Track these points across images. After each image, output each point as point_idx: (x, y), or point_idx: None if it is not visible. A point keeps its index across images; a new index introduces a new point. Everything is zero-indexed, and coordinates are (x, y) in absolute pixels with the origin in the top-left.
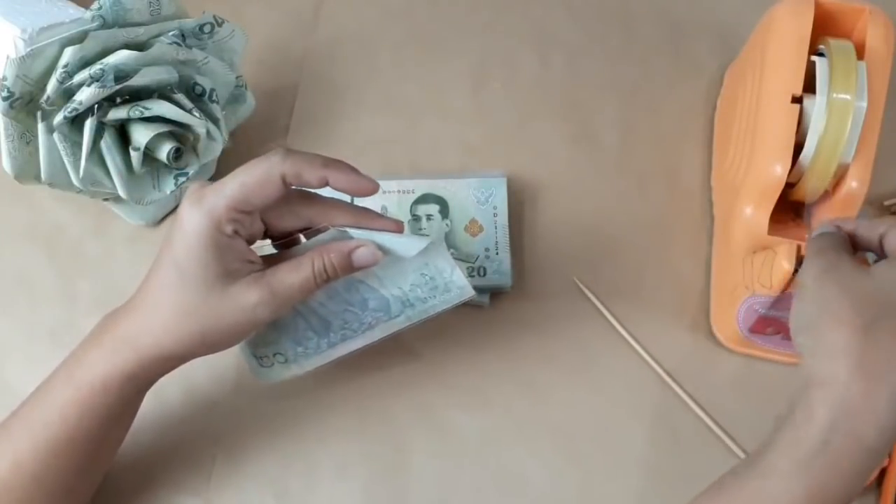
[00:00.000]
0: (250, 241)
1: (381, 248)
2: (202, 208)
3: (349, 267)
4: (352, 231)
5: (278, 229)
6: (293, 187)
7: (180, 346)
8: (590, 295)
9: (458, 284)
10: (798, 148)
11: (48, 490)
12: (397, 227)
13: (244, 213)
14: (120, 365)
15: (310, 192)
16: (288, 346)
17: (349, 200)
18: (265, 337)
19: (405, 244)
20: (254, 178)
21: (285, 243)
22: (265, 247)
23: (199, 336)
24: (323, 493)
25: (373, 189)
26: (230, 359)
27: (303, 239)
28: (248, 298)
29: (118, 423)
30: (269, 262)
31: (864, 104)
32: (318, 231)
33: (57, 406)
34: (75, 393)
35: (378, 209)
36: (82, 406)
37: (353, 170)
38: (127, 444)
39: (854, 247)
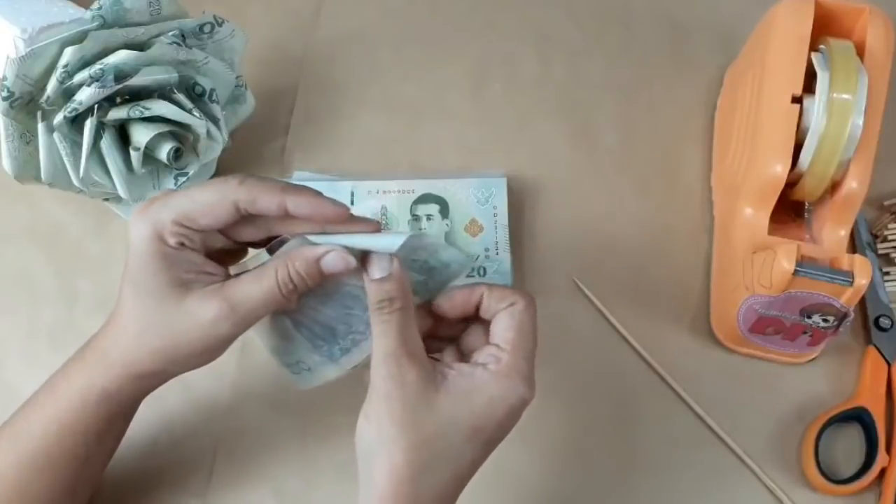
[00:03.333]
0: (212, 253)
1: (356, 250)
2: (144, 218)
3: (318, 274)
4: (320, 238)
5: (240, 241)
6: (248, 214)
7: (147, 363)
8: (590, 295)
9: (455, 260)
10: (798, 148)
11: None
12: (373, 228)
13: (189, 229)
14: (95, 380)
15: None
16: (304, 354)
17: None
18: (283, 347)
19: (383, 242)
20: (204, 197)
21: (276, 244)
22: (262, 253)
23: (162, 353)
24: (323, 493)
25: (340, 213)
26: (230, 359)
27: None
28: (205, 312)
29: (100, 442)
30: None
31: (864, 105)
32: (283, 242)
33: (39, 420)
34: (56, 408)
35: (378, 209)
36: (62, 422)
37: (317, 194)
38: (127, 444)
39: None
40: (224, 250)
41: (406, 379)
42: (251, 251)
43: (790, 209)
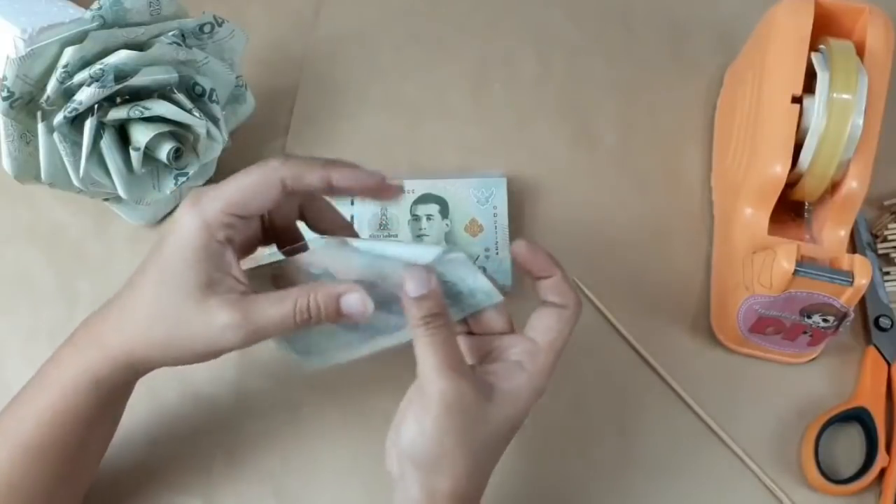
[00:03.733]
0: (245, 250)
1: (388, 257)
2: (196, 211)
3: (336, 312)
4: (357, 242)
5: (277, 224)
6: (292, 191)
7: (145, 352)
8: (590, 295)
9: (482, 290)
10: (798, 148)
11: (28, 495)
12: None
13: (239, 218)
14: (87, 365)
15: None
16: (317, 339)
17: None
18: (299, 333)
19: (416, 253)
20: (252, 181)
21: (292, 250)
22: (274, 253)
23: (165, 345)
24: (323, 493)
25: (378, 182)
26: (230, 359)
27: (310, 246)
28: (221, 317)
29: (93, 428)
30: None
31: (864, 105)
32: (299, 249)
33: (31, 409)
34: (48, 395)
35: (378, 209)
36: (55, 409)
37: (354, 166)
38: (127, 443)
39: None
40: (245, 243)
41: (463, 393)
42: (262, 250)
43: (790, 209)
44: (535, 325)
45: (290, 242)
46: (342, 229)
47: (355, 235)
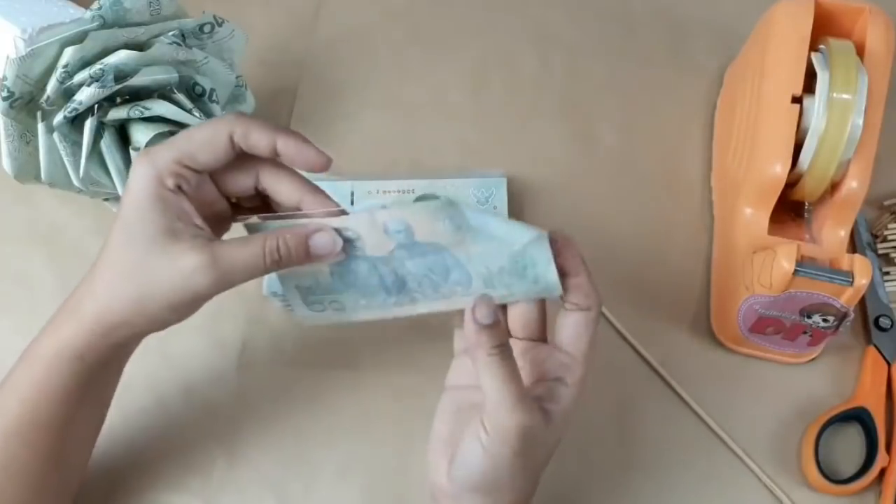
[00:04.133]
0: (203, 207)
1: (476, 229)
2: (146, 161)
3: (305, 252)
4: (465, 212)
5: (232, 192)
6: (242, 151)
7: (121, 313)
8: None
9: (548, 280)
10: (798, 148)
11: (18, 479)
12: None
13: (189, 169)
14: (66, 338)
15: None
16: (351, 296)
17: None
18: (328, 286)
19: (510, 231)
20: (202, 133)
21: (278, 217)
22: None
23: (137, 301)
24: (323, 495)
25: (322, 163)
26: (231, 360)
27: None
28: (187, 262)
29: (79, 407)
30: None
31: (864, 105)
32: (262, 222)
33: (15, 388)
34: (29, 372)
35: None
36: (38, 386)
37: (305, 140)
38: (128, 444)
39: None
40: (212, 217)
41: (536, 425)
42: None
43: (790, 209)
44: (564, 333)
45: (257, 208)
46: (301, 202)
47: (323, 205)
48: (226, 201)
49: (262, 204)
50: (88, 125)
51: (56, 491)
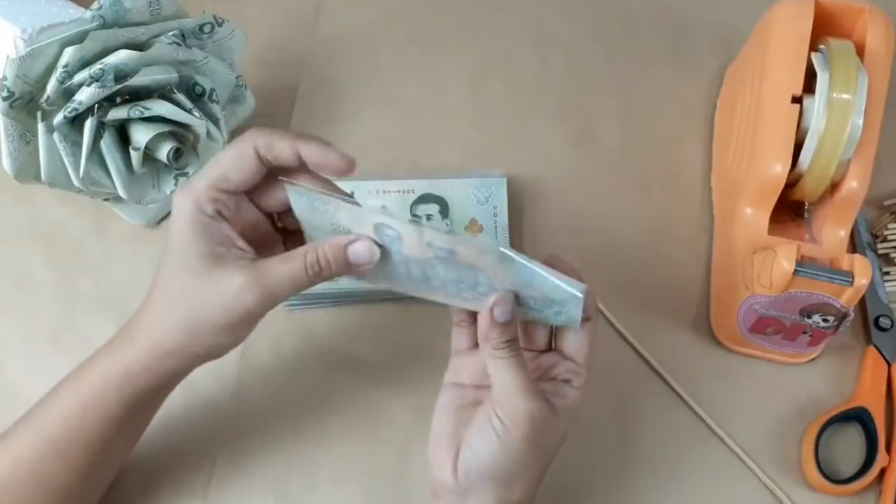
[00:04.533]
0: (246, 230)
1: (527, 284)
2: (184, 192)
3: (345, 262)
4: (515, 261)
5: (271, 209)
6: (271, 164)
7: (172, 337)
8: None
9: (571, 317)
10: (798, 148)
11: (46, 490)
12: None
13: (224, 192)
14: (118, 361)
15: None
16: (375, 271)
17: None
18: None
19: (553, 288)
20: (228, 155)
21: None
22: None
23: (185, 323)
24: (323, 496)
25: (346, 165)
26: (231, 361)
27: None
28: (233, 283)
29: (119, 429)
30: None
31: (864, 105)
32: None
33: (60, 405)
34: (77, 393)
35: (378, 209)
36: (83, 406)
37: (327, 144)
38: None
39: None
40: (257, 238)
41: (543, 411)
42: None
43: (790, 209)
44: (569, 342)
45: (301, 240)
46: None
47: None
48: (268, 221)
49: None
50: (88, 125)
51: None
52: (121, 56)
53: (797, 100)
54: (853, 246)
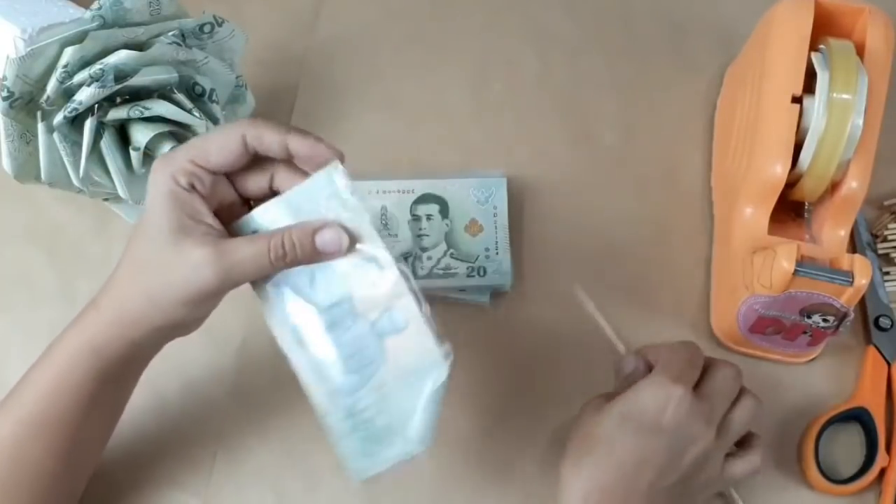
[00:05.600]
0: (221, 209)
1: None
2: (163, 161)
3: (311, 248)
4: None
5: (248, 194)
6: (256, 152)
7: (134, 306)
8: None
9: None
10: (798, 148)
11: (27, 472)
12: (331, 155)
13: (202, 169)
14: (84, 335)
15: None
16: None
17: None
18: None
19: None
20: (216, 136)
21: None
22: None
23: (150, 294)
24: (323, 493)
25: (331, 156)
26: (230, 359)
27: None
28: (194, 255)
29: (93, 405)
30: None
31: (864, 105)
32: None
33: (33, 384)
34: (49, 370)
35: (378, 209)
36: (55, 381)
37: (317, 138)
38: (127, 442)
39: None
40: (230, 219)
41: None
42: None
43: (790, 209)
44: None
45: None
46: None
47: None
48: (245, 204)
49: None
50: (88, 125)
51: (67, 489)
52: (121, 56)
53: (797, 100)
54: (853, 246)
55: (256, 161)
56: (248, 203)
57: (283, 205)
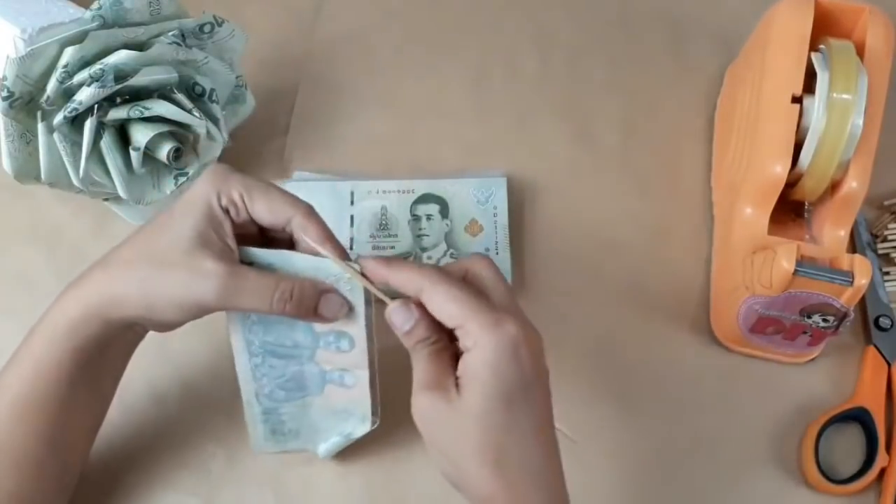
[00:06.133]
0: (240, 236)
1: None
2: (215, 177)
3: (313, 308)
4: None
5: (264, 223)
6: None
7: (121, 287)
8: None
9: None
10: (798, 148)
11: (14, 458)
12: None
13: (243, 205)
14: (65, 309)
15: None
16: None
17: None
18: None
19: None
20: (275, 193)
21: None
22: None
23: (143, 287)
24: (323, 493)
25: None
26: (230, 358)
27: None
28: (204, 266)
29: (72, 386)
30: None
31: (864, 105)
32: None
33: (17, 366)
34: (29, 351)
35: (378, 209)
36: (35, 361)
37: (342, 254)
38: (127, 441)
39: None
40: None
41: (422, 407)
42: None
43: (790, 209)
44: (434, 311)
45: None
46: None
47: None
48: (258, 232)
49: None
50: (88, 125)
51: (54, 477)
52: (121, 56)
53: (797, 100)
54: (853, 246)
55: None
56: (263, 233)
57: (296, 259)
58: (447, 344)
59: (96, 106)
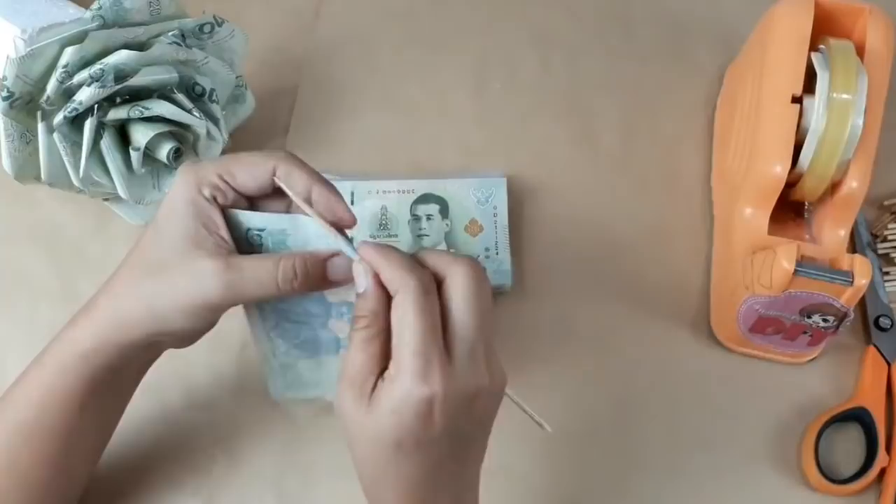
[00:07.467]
0: None
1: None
2: (190, 169)
3: (321, 276)
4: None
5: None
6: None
7: (130, 310)
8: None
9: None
10: (798, 148)
11: (19, 480)
12: (345, 219)
13: (226, 184)
14: (76, 338)
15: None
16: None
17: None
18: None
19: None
20: (247, 158)
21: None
22: None
23: (149, 299)
24: (323, 493)
25: (348, 220)
26: (230, 358)
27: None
28: (200, 265)
29: (83, 412)
30: None
31: (864, 105)
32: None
33: (25, 389)
34: (40, 374)
35: (378, 209)
36: (46, 388)
37: (338, 195)
38: (127, 443)
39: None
40: None
41: (346, 408)
42: None
43: (790, 209)
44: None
45: None
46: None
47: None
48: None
49: None
50: (88, 125)
51: (60, 496)
52: (121, 56)
53: (797, 100)
54: (853, 246)
55: (279, 189)
56: None
57: (287, 221)
58: (384, 327)
59: (96, 106)
